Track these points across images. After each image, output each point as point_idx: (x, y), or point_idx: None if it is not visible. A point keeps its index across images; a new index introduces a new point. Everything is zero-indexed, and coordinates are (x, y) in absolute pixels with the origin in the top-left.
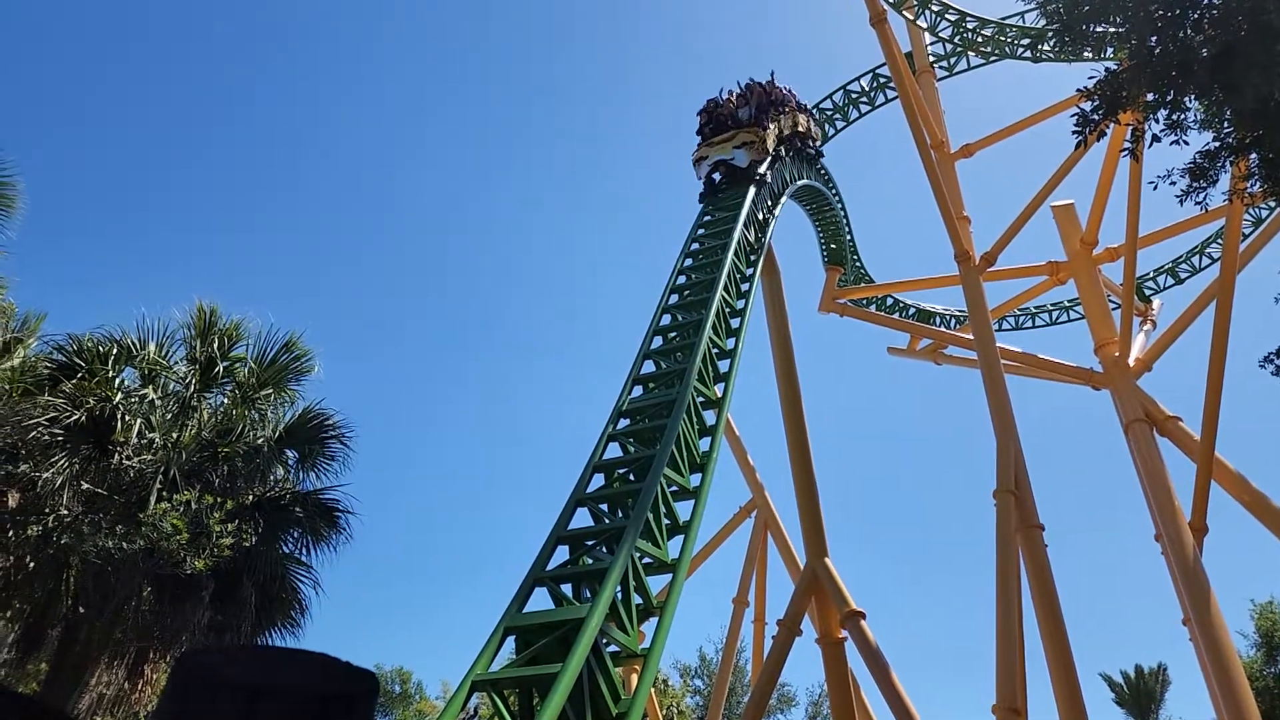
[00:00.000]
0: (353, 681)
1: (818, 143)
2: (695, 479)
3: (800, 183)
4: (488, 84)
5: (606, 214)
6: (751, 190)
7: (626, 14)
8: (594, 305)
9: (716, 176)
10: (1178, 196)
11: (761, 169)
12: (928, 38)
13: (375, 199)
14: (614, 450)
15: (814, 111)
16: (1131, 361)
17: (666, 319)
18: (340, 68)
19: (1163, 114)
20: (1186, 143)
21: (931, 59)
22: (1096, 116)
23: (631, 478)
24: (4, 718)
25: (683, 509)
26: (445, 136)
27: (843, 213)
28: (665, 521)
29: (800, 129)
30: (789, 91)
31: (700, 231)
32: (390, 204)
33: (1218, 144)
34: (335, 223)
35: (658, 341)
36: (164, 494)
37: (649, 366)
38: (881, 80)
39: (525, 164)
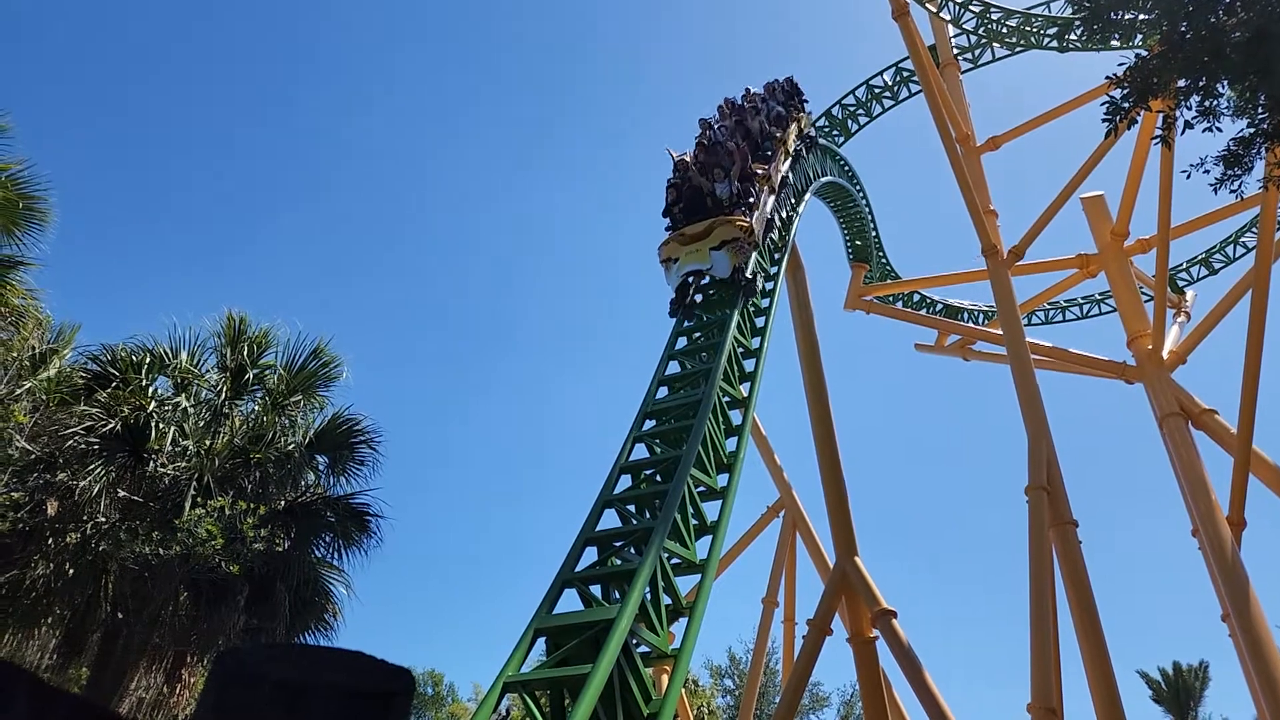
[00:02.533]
0: (391, 680)
1: (810, 125)
2: (722, 479)
3: (823, 180)
4: (510, 85)
5: (630, 214)
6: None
7: (646, 11)
8: (619, 307)
9: (691, 279)
10: (1211, 185)
11: (750, 269)
12: (951, 30)
13: (400, 203)
14: (640, 451)
15: (800, 89)
16: (1165, 354)
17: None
18: (364, 74)
19: (1195, 100)
20: (1219, 129)
21: (955, 51)
22: (1127, 104)
23: (658, 479)
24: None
25: (710, 509)
26: (469, 139)
27: (867, 209)
28: (693, 522)
29: (793, 144)
30: (763, 100)
31: (681, 343)
32: (415, 208)
33: (1252, 130)
34: (359, 228)
35: (682, 342)
36: (198, 500)
37: (674, 367)
38: (905, 74)
39: (549, 164)
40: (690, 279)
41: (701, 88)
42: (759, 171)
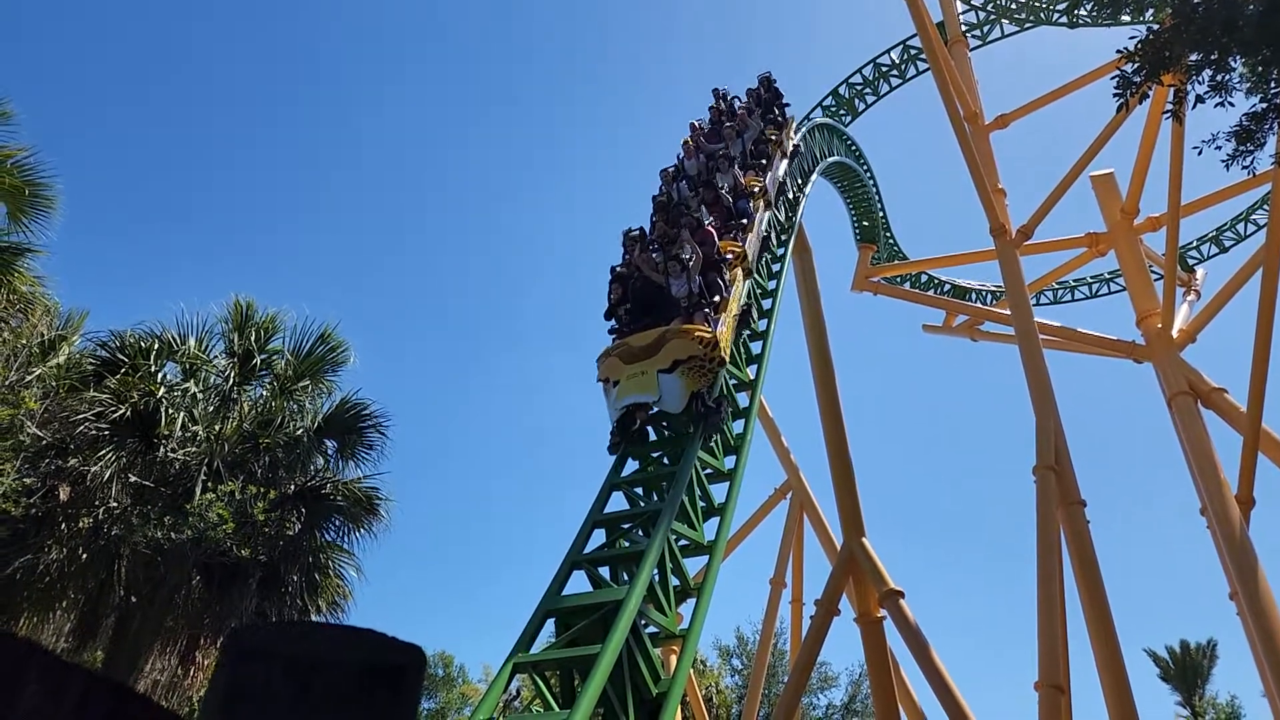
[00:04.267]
0: (401, 654)
1: (794, 135)
2: (730, 461)
3: (830, 160)
4: (518, 80)
5: (641, 203)
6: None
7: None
8: None
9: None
10: (1223, 161)
11: (715, 393)
12: (960, 6)
13: (406, 198)
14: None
15: (779, 91)
16: (1175, 333)
17: None
18: (373, 70)
19: (1206, 74)
20: (1232, 104)
21: (964, 28)
22: (1138, 78)
23: (666, 461)
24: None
25: (718, 491)
26: (478, 131)
27: (874, 189)
28: (701, 504)
29: (776, 183)
30: (737, 131)
31: (615, 500)
32: (420, 202)
33: (1265, 105)
34: (366, 221)
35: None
36: (209, 485)
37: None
38: (912, 52)
39: (557, 156)
40: (636, 408)
41: (708, 70)
42: (730, 254)
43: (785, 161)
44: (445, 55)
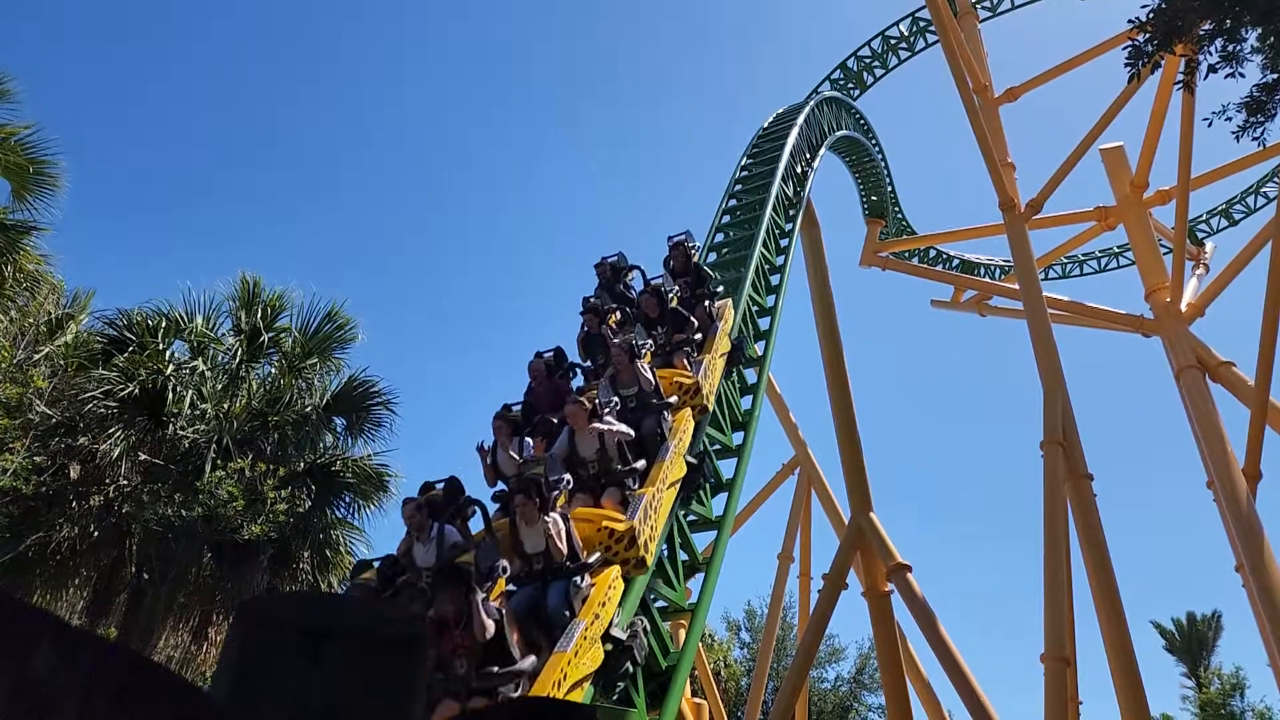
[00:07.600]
0: (411, 628)
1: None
2: (738, 437)
3: (838, 134)
4: (525, 74)
5: (646, 186)
6: None
7: None
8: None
9: None
10: (1233, 133)
11: None
12: None
13: (416, 182)
14: None
15: (698, 265)
16: (1183, 307)
17: None
18: (381, 59)
19: (1218, 45)
20: (1243, 75)
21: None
22: (1150, 48)
23: None
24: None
25: (726, 467)
26: (488, 110)
27: (883, 163)
28: (709, 480)
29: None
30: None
31: None
32: (432, 174)
33: (1276, 75)
34: (375, 202)
35: None
36: (218, 463)
37: None
38: (921, 24)
39: (568, 136)
40: None
41: (708, 62)
42: (674, 390)
43: (705, 418)
44: (450, 44)
